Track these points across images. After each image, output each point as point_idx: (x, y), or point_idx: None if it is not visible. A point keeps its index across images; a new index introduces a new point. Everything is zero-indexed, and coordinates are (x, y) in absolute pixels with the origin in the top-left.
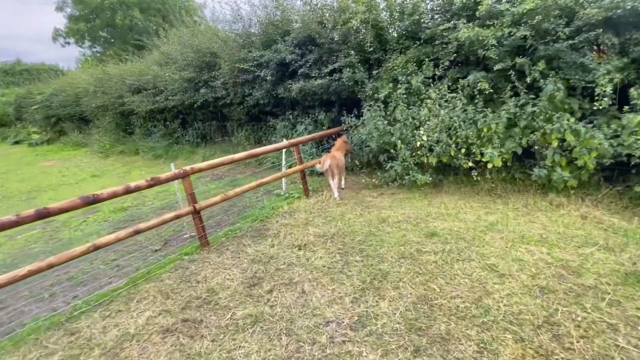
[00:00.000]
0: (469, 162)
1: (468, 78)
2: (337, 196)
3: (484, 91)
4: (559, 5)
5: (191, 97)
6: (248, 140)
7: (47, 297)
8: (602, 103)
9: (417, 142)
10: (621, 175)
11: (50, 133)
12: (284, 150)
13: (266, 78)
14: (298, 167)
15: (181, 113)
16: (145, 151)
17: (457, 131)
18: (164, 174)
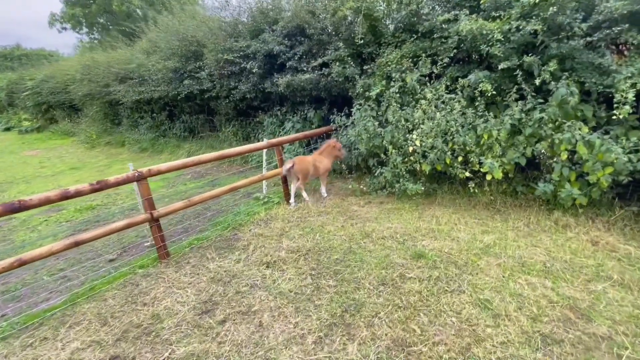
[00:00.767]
0: (466, 172)
1: (469, 78)
2: (293, 202)
3: (486, 93)
4: None
5: (175, 89)
6: (236, 136)
7: None
8: (622, 112)
9: (410, 147)
10: (637, 192)
11: (40, 120)
12: (265, 150)
13: (253, 70)
14: (278, 171)
15: (168, 105)
16: (131, 143)
17: (454, 137)
18: (114, 177)
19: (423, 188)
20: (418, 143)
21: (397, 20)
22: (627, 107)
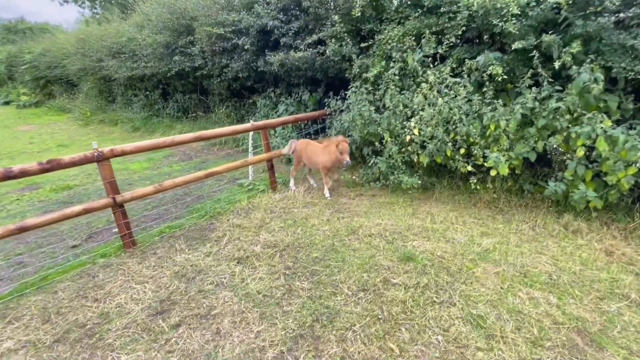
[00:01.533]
0: (468, 166)
1: (477, 59)
2: (293, 186)
3: (496, 77)
4: None
5: (167, 65)
6: (229, 117)
7: None
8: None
9: (407, 136)
10: None
11: (39, 95)
12: (252, 133)
13: (245, 47)
14: (264, 156)
15: (161, 83)
16: (124, 122)
17: (457, 126)
18: (69, 156)
19: (420, 182)
20: (416, 132)
21: None
22: None
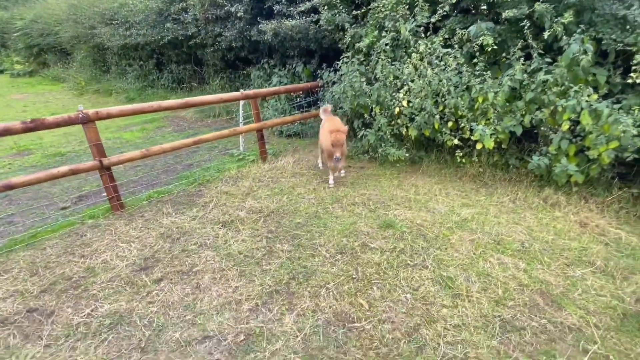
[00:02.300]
0: (455, 140)
1: (469, 29)
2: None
3: (487, 48)
4: None
5: (159, 33)
6: (223, 89)
7: None
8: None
9: (396, 108)
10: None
11: (33, 64)
12: (242, 102)
13: (238, 15)
14: (254, 125)
15: (155, 52)
16: (118, 92)
17: (446, 98)
18: (54, 117)
19: (407, 154)
20: (405, 103)
21: None
22: None
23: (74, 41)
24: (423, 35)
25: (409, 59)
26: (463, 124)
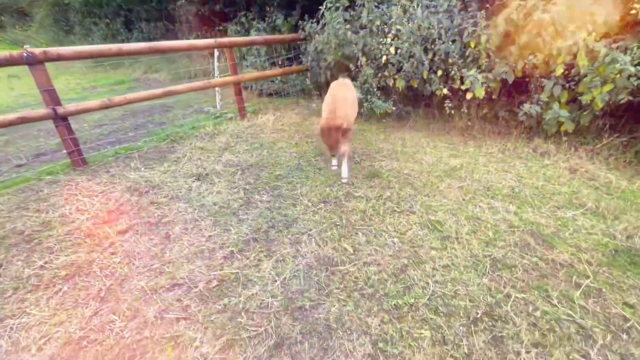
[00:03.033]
0: (444, 89)
1: None
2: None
3: None
4: None
5: None
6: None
7: None
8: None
9: (383, 56)
10: (630, 123)
11: None
12: (216, 53)
13: None
14: (230, 78)
15: (122, 8)
16: None
17: (436, 44)
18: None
19: (394, 108)
20: (392, 50)
21: None
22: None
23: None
24: None
25: (398, 1)
26: (453, 72)
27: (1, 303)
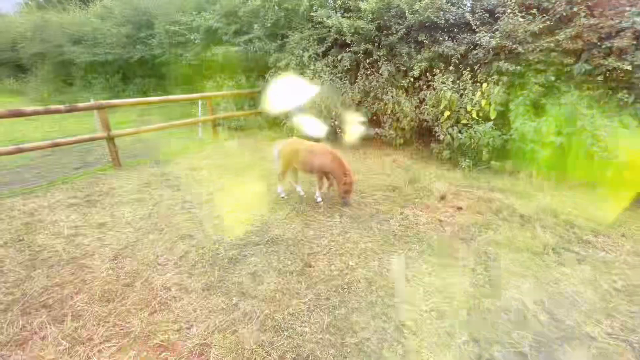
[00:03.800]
0: (335, 121)
1: (340, 56)
2: (282, 192)
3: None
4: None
5: (129, 52)
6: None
7: None
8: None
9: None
10: (424, 136)
11: None
12: (200, 101)
13: (196, 41)
14: (209, 117)
15: (122, 68)
16: (84, 101)
17: (328, 99)
18: (82, 104)
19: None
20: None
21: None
22: (415, 73)
23: (36, 57)
24: (315, 59)
25: (308, 74)
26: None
27: (110, 210)
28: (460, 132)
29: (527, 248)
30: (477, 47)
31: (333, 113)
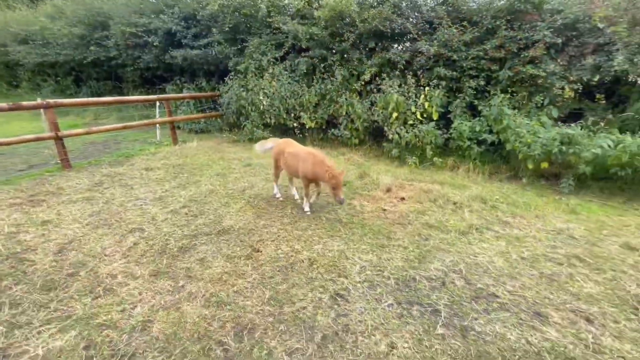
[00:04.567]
0: (294, 122)
1: (297, 61)
2: (278, 193)
3: (304, 71)
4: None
5: (82, 54)
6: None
7: None
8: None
9: (261, 106)
10: (374, 136)
11: None
12: (157, 103)
13: (154, 44)
14: (167, 118)
15: (74, 70)
16: None
17: (287, 99)
18: (28, 102)
19: (270, 135)
20: (265, 103)
21: (259, 17)
22: (366, 77)
23: None
24: (273, 63)
25: (267, 77)
26: (295, 114)
27: (57, 208)
28: (407, 132)
29: (455, 229)
30: (420, 54)
31: (292, 115)
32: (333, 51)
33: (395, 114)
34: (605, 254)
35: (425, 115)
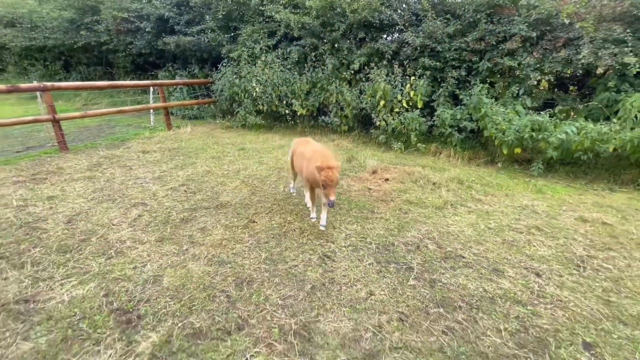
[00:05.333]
0: (286, 110)
1: (289, 49)
2: (292, 188)
3: (296, 59)
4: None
5: (72, 38)
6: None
7: None
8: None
9: (254, 93)
10: (362, 123)
11: None
12: (151, 88)
13: (147, 30)
14: (161, 104)
15: (63, 54)
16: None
17: (279, 87)
18: (25, 84)
19: (263, 122)
20: (258, 90)
21: (252, 4)
22: (355, 66)
23: None
24: (266, 50)
25: (259, 65)
26: (287, 101)
27: (61, 186)
28: (393, 119)
29: (432, 205)
30: (406, 45)
31: (284, 102)
32: (324, 40)
33: (382, 102)
34: (561, 225)
35: (410, 103)
